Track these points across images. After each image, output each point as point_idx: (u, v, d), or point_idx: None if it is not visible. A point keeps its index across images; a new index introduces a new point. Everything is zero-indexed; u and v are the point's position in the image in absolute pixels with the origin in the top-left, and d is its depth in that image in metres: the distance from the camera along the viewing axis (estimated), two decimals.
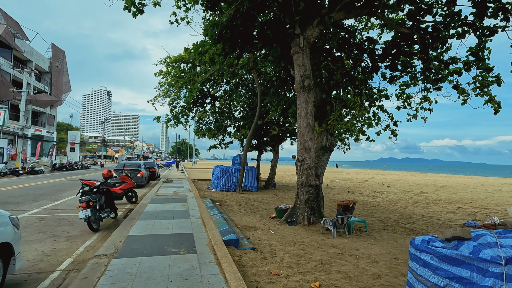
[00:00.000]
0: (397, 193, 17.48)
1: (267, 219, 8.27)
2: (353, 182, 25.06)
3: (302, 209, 7.81)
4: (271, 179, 17.65)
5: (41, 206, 8.63)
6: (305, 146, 7.52)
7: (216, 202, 9.99)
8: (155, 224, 6.10)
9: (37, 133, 38.31)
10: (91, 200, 5.77)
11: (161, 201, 9.30)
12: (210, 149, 21.22)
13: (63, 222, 6.72)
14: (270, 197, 13.02)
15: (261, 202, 11.35)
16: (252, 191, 15.52)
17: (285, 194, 14.72)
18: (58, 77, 41.81)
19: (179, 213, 7.33)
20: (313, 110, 7.50)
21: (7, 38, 30.21)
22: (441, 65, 9.46)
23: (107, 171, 7.09)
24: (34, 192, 11.71)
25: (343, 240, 6.38)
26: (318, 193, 8.05)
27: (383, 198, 14.64)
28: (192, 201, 9.30)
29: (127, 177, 9.60)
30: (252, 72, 14.15)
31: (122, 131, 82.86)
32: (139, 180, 14.54)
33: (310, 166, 7.61)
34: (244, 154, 14.86)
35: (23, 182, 16.78)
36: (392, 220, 8.99)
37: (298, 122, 7.58)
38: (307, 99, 7.35)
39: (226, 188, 15.34)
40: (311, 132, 7.49)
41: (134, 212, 7.48)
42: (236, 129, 20.35)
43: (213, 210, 8.24)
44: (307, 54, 7.25)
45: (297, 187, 7.95)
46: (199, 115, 16.01)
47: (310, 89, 7.30)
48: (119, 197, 9.28)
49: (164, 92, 18.73)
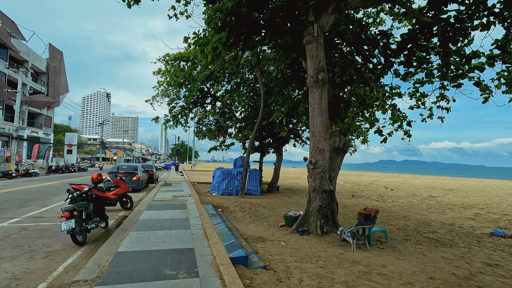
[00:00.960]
0: (406, 197, 16.71)
1: (275, 228, 7.49)
2: (358, 185, 24.28)
3: (315, 217, 7.03)
4: (275, 183, 16.87)
5: (25, 213, 7.83)
6: (319, 147, 6.75)
7: (218, 208, 9.19)
8: (150, 236, 5.31)
9: (34, 134, 37.48)
10: (76, 209, 4.98)
11: (158, 208, 8.50)
12: (211, 150, 20.43)
13: (46, 233, 5.92)
14: (275, 202, 12.23)
15: (266, 207, 10.56)
16: (255, 195, 14.73)
17: (290, 199, 13.93)
18: (55, 78, 41.06)
19: (178, 222, 6.54)
20: (327, 107, 6.74)
21: (3, 37, 29.47)
22: (461, 60, 8.70)
23: (97, 175, 6.31)
24: (22, 197, 10.90)
25: (365, 254, 5.60)
26: (332, 199, 7.28)
27: (393, 203, 13.86)
28: (192, 207, 8.51)
29: (121, 181, 8.82)
30: (255, 70, 13.41)
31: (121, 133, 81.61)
32: (135, 183, 13.73)
33: (323, 169, 6.84)
34: (246, 156, 14.09)
35: (14, 185, 15.95)
36: (411, 228, 8.21)
37: (310, 121, 6.82)
38: (321, 94, 6.60)
39: (227, 192, 14.55)
40: (325, 131, 6.73)
41: (127, 220, 6.69)
42: (238, 130, 19.62)
43: (216, 217, 7.45)
44: (321, 44, 6.50)
45: (309, 192, 7.18)
46: (202, 114, 15.21)
47: (325, 83, 6.55)
48: (113, 203, 8.49)
49: (163, 91, 17.98)
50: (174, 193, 12.71)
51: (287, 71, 13.27)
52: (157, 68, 17.33)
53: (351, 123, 6.92)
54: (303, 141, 19.64)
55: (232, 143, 20.40)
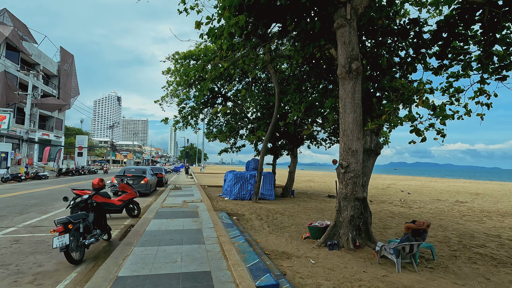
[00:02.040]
0: (431, 202, 15.50)
1: (299, 240, 6.58)
2: (375, 189, 23.05)
3: (346, 229, 6.09)
4: (289, 187, 15.93)
5: (23, 222, 7.16)
6: (351, 148, 5.83)
7: (233, 216, 8.34)
8: (158, 254, 4.49)
9: (45, 137, 37.61)
10: (71, 221, 4.21)
11: (167, 215, 7.71)
12: (221, 153, 19.67)
13: (40, 247, 5.19)
14: (292, 208, 11.30)
15: (284, 214, 9.65)
16: (269, 200, 13.83)
17: (308, 204, 12.97)
18: (66, 81, 41.26)
19: (190, 234, 5.71)
20: (361, 102, 5.82)
21: (14, 40, 29.60)
22: (508, 49, 7.62)
23: (98, 181, 5.55)
24: (25, 202, 10.32)
25: (414, 276, 4.64)
26: (366, 208, 6.33)
27: (420, 209, 12.73)
28: (205, 215, 7.69)
29: (127, 186, 8.08)
30: (268, 67, 12.54)
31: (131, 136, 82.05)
32: (143, 188, 13.03)
33: (357, 173, 5.91)
34: (261, 158, 13.23)
35: (21, 189, 15.53)
36: (454, 241, 7.16)
37: (341, 118, 5.91)
38: (354, 87, 5.68)
39: (240, 196, 13.70)
40: (358, 129, 5.81)
41: (133, 232, 5.90)
42: (250, 131, 18.81)
43: (232, 228, 6.59)
44: (354, 29, 5.60)
45: (338, 200, 6.26)
46: (214, 110, 14.39)
47: (359, 73, 5.63)
48: (118, 210, 7.76)
49: (172, 92, 17.35)
50: (185, 198, 11.94)
51: (304, 67, 12.37)
52: (166, 68, 16.67)
53: (389, 119, 5.97)
54: (317, 142, 18.68)
55: (243, 145, 19.62)
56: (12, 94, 28.44)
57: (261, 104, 16.21)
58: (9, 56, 30.48)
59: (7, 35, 28.26)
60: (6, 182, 20.20)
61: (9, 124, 25.95)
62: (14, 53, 31.46)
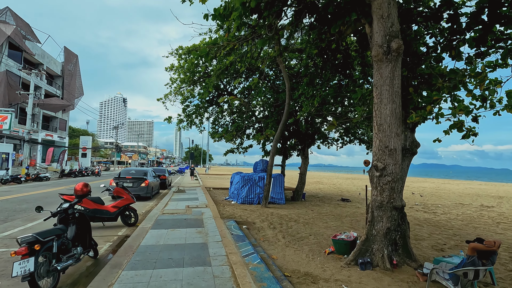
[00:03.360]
0: (455, 206, 14.28)
1: (322, 256, 5.54)
2: None
3: (380, 244, 5.04)
4: (300, 189, 14.87)
5: (4, 231, 6.26)
6: (388, 147, 4.78)
7: (243, 225, 7.32)
8: (152, 282, 3.50)
9: (48, 138, 37.14)
10: (39, 240, 3.25)
11: (168, 225, 6.74)
12: (227, 153, 18.72)
13: (10, 267, 4.24)
14: (306, 214, 10.25)
15: (299, 222, 8.61)
16: (279, 204, 12.80)
17: (321, 209, 11.90)
18: (70, 81, 40.81)
19: (193, 251, 4.72)
20: (400, 90, 4.78)
21: (17, 39, 29.11)
22: None
23: (82, 186, 4.58)
24: (15, 207, 9.47)
25: None
26: (403, 219, 5.26)
27: (447, 215, 11.55)
28: (210, 225, 6.70)
29: (123, 190, 7.13)
30: (278, 60, 11.51)
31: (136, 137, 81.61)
32: (144, 191, 12.11)
33: (395, 177, 4.86)
34: (270, 159, 12.21)
35: (17, 191, 14.76)
36: (506, 256, 6.05)
37: (376, 110, 4.87)
38: (394, 71, 4.64)
39: (248, 200, 12.69)
40: (397, 123, 4.76)
41: (125, 247, 4.92)
42: (257, 130, 17.84)
43: (243, 241, 5.58)
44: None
45: (371, 209, 5.20)
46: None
47: (400, 54, 4.59)
48: (112, 217, 6.81)
49: (176, 89, 16.47)
50: (188, 202, 10.98)
51: (318, 60, 11.33)
52: (170, 64, 15.79)
53: (436, 111, 4.90)
54: (328, 142, 17.62)
55: (250, 145, 18.66)
56: (14, 94, 27.92)
57: (269, 103, 15.23)
58: (11, 55, 30.03)
59: (9, 34, 27.77)
60: (5, 184, 19.53)
61: (10, 124, 25.39)
62: (17, 52, 31.02)
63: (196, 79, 16.13)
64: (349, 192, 20.80)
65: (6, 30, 27.90)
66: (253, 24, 7.47)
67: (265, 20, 5.77)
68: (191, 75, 15.63)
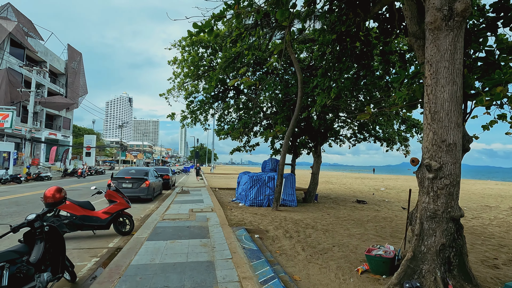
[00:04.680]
0: (482, 209, 13.07)
1: (355, 275, 4.51)
2: (405, 193, 20.61)
3: (432, 263, 3.99)
4: (313, 190, 13.82)
5: None
6: (446, 141, 3.72)
7: (255, 234, 6.31)
8: None
9: (52, 136, 36.66)
10: None
11: (167, 234, 5.77)
12: (233, 152, 17.75)
13: None
14: (323, 218, 9.21)
15: (317, 228, 7.58)
16: (291, 207, 11.79)
17: (338, 212, 10.85)
18: (74, 79, 40.29)
19: (196, 275, 3.73)
20: (462, 67, 3.71)
21: (19, 36, 28.52)
22: None
23: (54, 191, 3.63)
24: (3, 210, 8.63)
25: None
26: (459, 232, 4.19)
27: (478, 219, 10.39)
28: (217, 234, 5.71)
29: (117, 194, 6.18)
30: (288, 49, 10.41)
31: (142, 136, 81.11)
32: (144, 192, 11.18)
33: (454, 180, 3.80)
34: (282, 157, 11.18)
35: (13, 192, 14.01)
36: None
37: (428, 93, 3.81)
38: (455, 42, 3.57)
39: (257, 202, 11.70)
40: (459, 111, 3.70)
41: (111, 267, 3.95)
42: (265, 127, 16.85)
43: (258, 259, 4.55)
44: None
45: (419, 220, 4.15)
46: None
47: (464, 20, 3.52)
48: (103, 225, 5.87)
49: (179, 83, 15.55)
50: (192, 205, 10.02)
51: (337, 46, 10.27)
52: (173, 57, 14.86)
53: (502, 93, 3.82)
54: (340, 139, 16.54)
55: (257, 144, 17.68)
56: (16, 92, 27.36)
57: (277, 98, 14.20)
58: (14, 52, 29.48)
59: (10, 30, 27.18)
60: (4, 184, 18.87)
61: (11, 123, 24.80)
62: (19, 50, 30.48)
63: (200, 74, 15.20)
64: (362, 193, 19.66)
65: (7, 26, 27.32)
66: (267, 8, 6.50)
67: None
68: (195, 69, 14.71)
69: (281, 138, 16.70)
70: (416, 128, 13.34)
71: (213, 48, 14.87)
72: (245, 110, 16.08)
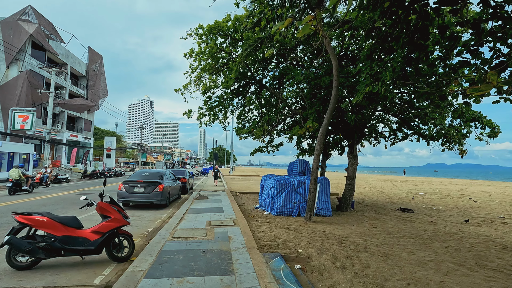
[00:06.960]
0: None
1: None
2: (450, 198, 18.04)
3: None
4: (349, 197, 11.88)
5: None
6: None
7: (295, 263, 4.59)
8: None
9: (73, 138, 36.87)
10: None
11: (175, 265, 4.19)
12: (255, 152, 16.06)
13: None
14: (370, 233, 7.32)
15: (372, 252, 5.73)
16: (326, 217, 9.97)
17: (384, 224, 8.90)
18: (95, 81, 40.50)
19: None
20: None
21: (39, 38, 28.59)
22: None
23: None
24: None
25: None
26: None
27: None
28: (244, 268, 4.06)
29: (111, 207, 4.68)
30: (320, 36, 8.52)
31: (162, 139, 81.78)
32: (158, 197, 9.78)
33: None
34: (315, 158, 9.37)
35: (24, 196, 13.18)
36: None
37: None
38: None
39: (285, 211, 9.98)
40: None
41: None
42: (289, 126, 15.12)
43: None
44: None
45: None
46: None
47: None
48: (92, 249, 4.38)
49: (196, 78, 14.17)
50: (210, 215, 8.45)
51: (385, 21, 8.35)
52: (189, 49, 13.47)
53: None
54: (377, 137, 14.43)
55: (281, 143, 15.93)
56: (37, 94, 27.36)
57: (305, 91, 12.42)
58: (35, 55, 29.64)
59: (31, 33, 27.24)
60: None
61: (32, 124, 24.67)
62: (41, 52, 30.66)
63: (219, 67, 13.74)
64: (400, 198, 17.36)
65: (29, 28, 27.41)
66: None
67: None
68: (213, 62, 13.26)
69: (308, 137, 14.89)
70: (477, 122, 11.03)
71: (232, 38, 13.33)
72: (268, 107, 14.44)
